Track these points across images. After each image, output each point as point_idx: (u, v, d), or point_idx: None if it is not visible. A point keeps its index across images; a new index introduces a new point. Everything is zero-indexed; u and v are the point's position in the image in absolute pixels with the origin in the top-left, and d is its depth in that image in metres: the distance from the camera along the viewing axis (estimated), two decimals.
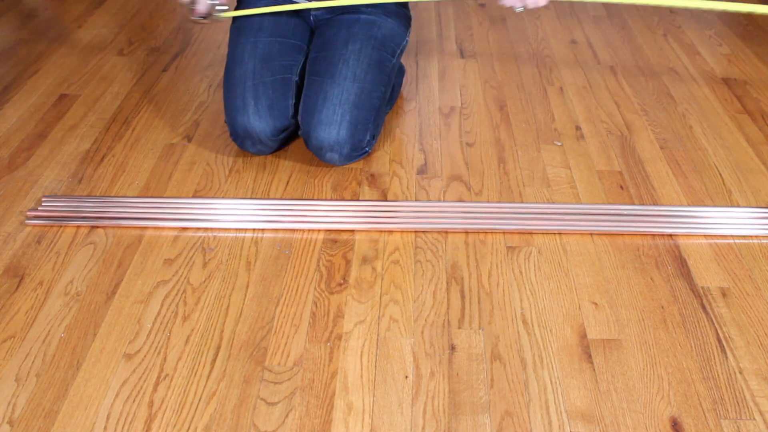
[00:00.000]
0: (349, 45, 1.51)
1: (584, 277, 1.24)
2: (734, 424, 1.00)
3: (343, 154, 1.48)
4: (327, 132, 1.45)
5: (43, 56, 1.99)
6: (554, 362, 1.09)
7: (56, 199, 1.40)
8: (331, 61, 1.50)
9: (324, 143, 1.46)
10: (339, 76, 1.47)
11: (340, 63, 1.49)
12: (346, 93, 1.46)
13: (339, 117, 1.45)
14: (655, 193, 1.46)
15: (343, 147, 1.46)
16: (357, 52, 1.51)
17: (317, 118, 1.45)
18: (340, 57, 1.50)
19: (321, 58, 1.52)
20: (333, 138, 1.45)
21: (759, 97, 1.82)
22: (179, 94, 1.81)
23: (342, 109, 1.45)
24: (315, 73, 1.51)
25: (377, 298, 1.20)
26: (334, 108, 1.45)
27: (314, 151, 1.49)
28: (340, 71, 1.48)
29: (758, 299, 1.20)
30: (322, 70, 1.50)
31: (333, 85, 1.47)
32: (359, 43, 1.52)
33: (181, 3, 1.45)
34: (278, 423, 0.99)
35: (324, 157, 1.49)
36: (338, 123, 1.45)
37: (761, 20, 2.28)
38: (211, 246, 1.30)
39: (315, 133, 1.45)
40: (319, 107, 1.45)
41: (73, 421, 0.99)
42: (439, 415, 1.01)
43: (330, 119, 1.45)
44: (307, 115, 1.47)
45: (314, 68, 1.52)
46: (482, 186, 1.48)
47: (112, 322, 1.15)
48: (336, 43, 1.52)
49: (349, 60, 1.50)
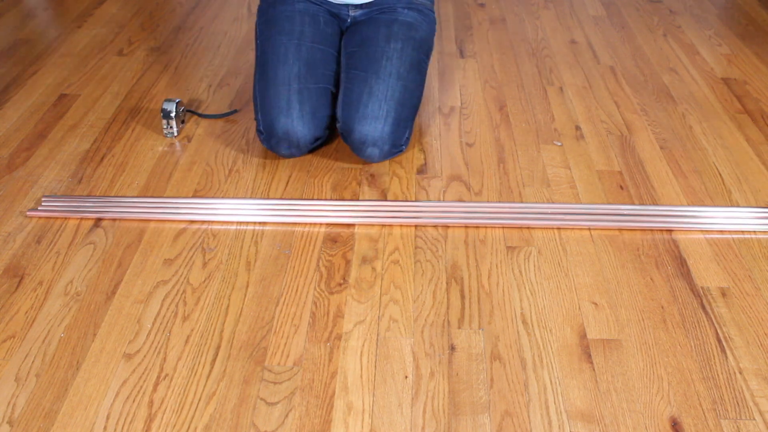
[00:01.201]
0: (391, 43, 1.52)
1: (584, 277, 1.24)
2: (734, 424, 1.00)
3: (384, 150, 1.48)
4: (371, 126, 1.44)
5: (43, 56, 1.99)
6: (554, 362, 1.09)
7: (56, 199, 1.40)
8: (373, 57, 1.50)
9: (367, 138, 1.45)
10: (383, 72, 1.47)
11: (383, 59, 1.49)
12: (391, 90, 1.46)
13: (384, 112, 1.45)
14: (654, 193, 1.46)
15: (385, 143, 1.46)
16: (399, 51, 1.51)
17: (362, 112, 1.45)
18: (383, 54, 1.50)
19: (362, 53, 1.52)
20: (377, 133, 1.45)
21: (759, 97, 1.82)
22: (179, 93, 1.81)
23: (387, 105, 1.45)
24: (356, 68, 1.50)
25: (377, 298, 1.20)
26: (380, 103, 1.45)
27: (355, 145, 1.48)
28: (384, 67, 1.48)
29: (758, 299, 1.20)
30: (364, 65, 1.49)
31: (378, 80, 1.46)
32: (401, 42, 1.53)
33: None
34: (278, 423, 0.99)
35: (364, 153, 1.48)
36: (383, 118, 1.45)
37: (761, 20, 2.28)
38: (211, 246, 1.30)
39: (359, 126, 1.45)
40: (364, 101, 1.45)
41: (73, 421, 0.99)
42: (439, 415, 1.01)
43: (375, 114, 1.44)
44: (351, 108, 1.46)
45: (354, 63, 1.51)
46: (482, 186, 1.48)
47: (112, 322, 1.15)
48: (377, 40, 1.52)
49: (392, 57, 1.50)
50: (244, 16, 2.29)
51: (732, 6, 2.39)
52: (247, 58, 2.01)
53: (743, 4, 2.40)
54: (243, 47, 2.07)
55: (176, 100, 1.60)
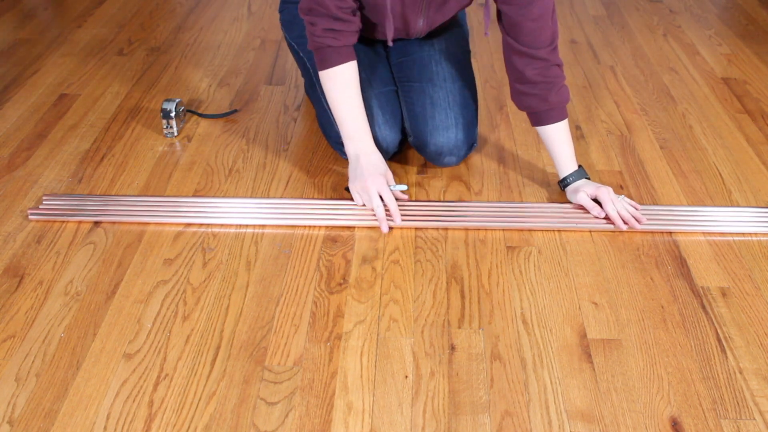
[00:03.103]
0: (435, 44, 1.50)
1: (584, 276, 1.24)
2: (734, 423, 1.00)
3: (461, 156, 1.48)
4: (445, 137, 1.44)
5: (43, 56, 2.00)
6: (554, 362, 1.09)
7: (57, 198, 1.40)
8: (421, 64, 1.48)
9: (443, 148, 1.44)
10: (437, 78, 1.46)
11: (432, 64, 1.48)
12: (451, 95, 1.45)
13: (453, 120, 1.44)
14: (655, 193, 1.46)
15: (461, 149, 1.46)
16: (444, 51, 1.50)
17: (432, 125, 1.43)
18: (430, 58, 1.48)
19: (408, 62, 1.50)
20: (452, 142, 1.44)
21: (759, 97, 1.82)
22: (179, 94, 1.81)
23: (453, 111, 1.44)
24: (409, 79, 1.49)
25: (377, 298, 1.20)
26: (446, 112, 1.44)
27: (432, 156, 1.47)
28: (437, 73, 1.47)
29: (758, 299, 1.20)
30: (416, 75, 1.48)
31: (435, 88, 1.45)
32: (443, 41, 1.51)
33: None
34: (278, 423, 0.99)
35: (442, 162, 1.48)
36: (454, 126, 1.44)
37: (761, 20, 2.28)
38: (211, 246, 1.30)
39: (433, 139, 1.44)
40: (429, 113, 1.44)
41: (73, 421, 0.99)
42: (439, 414, 1.01)
43: (445, 123, 1.43)
44: (419, 122, 1.45)
45: (406, 73, 1.50)
46: (482, 186, 1.48)
47: (112, 322, 1.15)
48: (420, 45, 1.51)
49: (440, 60, 1.48)
50: (244, 16, 2.29)
51: (732, 6, 2.39)
52: (247, 58, 2.01)
53: (743, 4, 2.40)
54: (243, 47, 2.07)
55: (176, 100, 1.60)
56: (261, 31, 2.19)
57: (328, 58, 1.33)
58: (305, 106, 1.77)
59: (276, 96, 1.81)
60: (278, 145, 1.61)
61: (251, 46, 2.08)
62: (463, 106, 1.46)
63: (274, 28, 2.20)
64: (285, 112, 1.74)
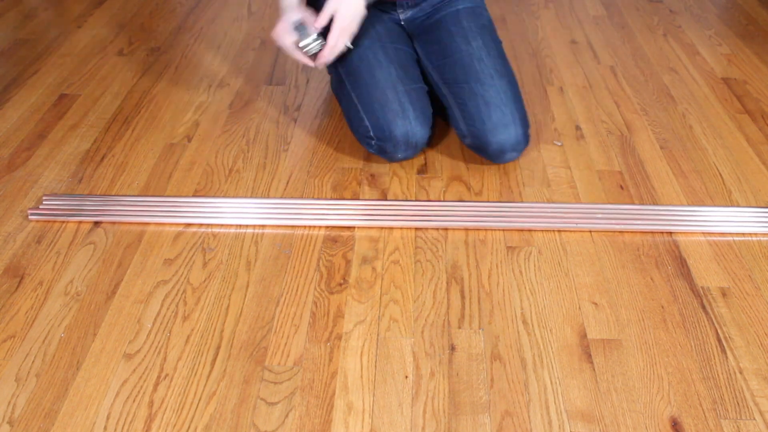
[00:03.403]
0: (471, 42, 1.50)
1: (584, 277, 1.25)
2: (734, 424, 1.00)
3: (521, 150, 1.48)
4: (506, 135, 1.44)
5: (43, 56, 2.00)
6: (554, 362, 1.09)
7: (57, 198, 1.40)
8: (464, 63, 1.48)
9: (506, 146, 1.45)
10: (484, 76, 1.46)
11: (475, 63, 1.47)
12: (502, 91, 1.45)
13: (509, 116, 1.44)
14: (655, 193, 1.46)
15: (522, 143, 1.47)
16: (483, 47, 1.50)
17: (490, 125, 1.43)
18: (471, 57, 1.48)
19: (450, 63, 1.50)
20: (513, 138, 1.44)
21: (759, 97, 1.82)
22: (179, 94, 1.81)
23: (507, 108, 1.44)
24: (455, 81, 1.48)
25: (377, 298, 1.20)
26: (501, 109, 1.43)
27: (494, 155, 1.47)
28: (482, 71, 1.46)
29: (758, 299, 1.20)
30: (462, 76, 1.48)
31: (484, 87, 1.45)
32: (478, 37, 1.51)
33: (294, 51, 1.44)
34: (278, 423, 0.99)
35: (503, 159, 1.49)
36: (512, 122, 1.44)
37: (761, 20, 2.28)
38: (211, 246, 1.30)
39: (495, 138, 1.44)
40: (485, 113, 1.44)
41: (73, 421, 0.99)
42: (439, 415, 1.01)
43: (503, 121, 1.43)
44: (475, 122, 1.45)
45: (451, 76, 1.49)
46: (482, 186, 1.48)
47: (112, 322, 1.15)
48: (456, 44, 1.50)
49: (482, 57, 1.48)
50: (244, 16, 2.29)
51: (732, 6, 2.39)
52: (248, 58, 2.01)
53: (743, 4, 2.40)
54: (243, 47, 2.07)
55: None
56: (261, 31, 2.19)
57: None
58: (305, 106, 1.77)
59: (276, 96, 1.81)
60: (278, 145, 1.61)
61: (251, 46, 2.08)
62: (513, 99, 1.46)
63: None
64: (285, 112, 1.74)
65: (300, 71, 1.94)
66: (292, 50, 1.43)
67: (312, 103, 1.78)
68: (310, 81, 1.88)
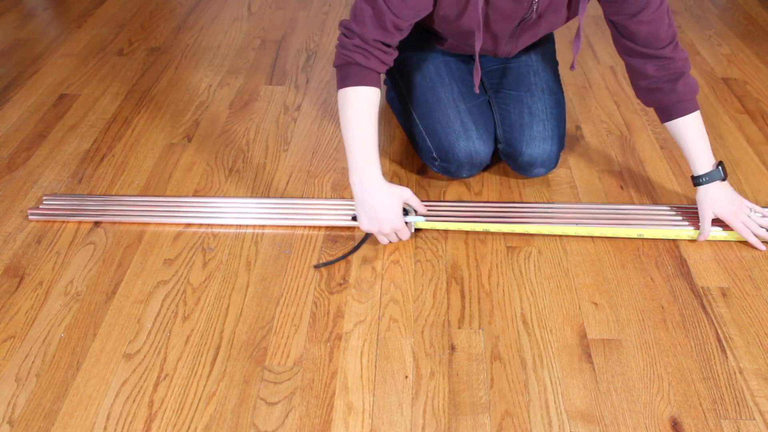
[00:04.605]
0: (531, 55, 1.49)
1: (584, 277, 1.24)
2: (734, 424, 1.00)
3: (550, 168, 1.46)
4: (540, 148, 1.41)
5: (43, 56, 2.00)
6: (554, 362, 1.09)
7: (57, 198, 1.40)
8: (519, 72, 1.47)
9: (536, 160, 1.42)
10: (536, 89, 1.45)
11: (530, 75, 1.46)
12: (549, 107, 1.44)
13: (549, 132, 1.42)
14: (654, 193, 1.46)
15: (552, 161, 1.44)
16: (542, 62, 1.48)
17: (528, 135, 1.41)
18: (529, 68, 1.47)
19: (504, 69, 1.49)
20: (546, 154, 1.42)
21: (759, 97, 1.82)
22: (179, 94, 1.81)
23: (550, 124, 1.42)
24: (506, 87, 1.47)
25: (377, 298, 1.20)
26: (543, 123, 1.42)
27: (523, 167, 1.45)
28: (535, 83, 1.45)
29: (758, 299, 1.20)
30: (513, 84, 1.46)
31: (533, 98, 1.43)
32: (539, 52, 1.50)
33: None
34: (278, 423, 0.99)
35: (531, 173, 1.46)
36: (549, 138, 1.42)
37: (761, 20, 2.28)
38: (211, 246, 1.30)
39: (528, 149, 1.41)
40: (527, 123, 1.42)
41: (73, 421, 0.99)
42: (439, 415, 1.01)
43: (542, 135, 1.41)
44: (514, 130, 1.43)
45: (502, 82, 1.48)
46: (482, 186, 1.48)
47: (112, 322, 1.15)
48: (517, 55, 1.49)
49: (539, 71, 1.47)
50: (244, 16, 2.29)
51: (732, 6, 2.39)
52: (247, 58, 2.01)
53: (743, 4, 2.40)
54: (243, 47, 2.07)
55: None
56: (261, 31, 2.19)
57: (352, 75, 1.24)
58: (305, 106, 1.77)
59: (276, 96, 1.81)
60: (278, 145, 1.61)
61: (251, 46, 2.08)
62: (558, 119, 1.44)
63: (274, 28, 2.20)
64: (285, 112, 1.74)
65: (300, 71, 1.94)
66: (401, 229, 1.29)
67: (312, 103, 1.78)
68: (310, 81, 1.88)
